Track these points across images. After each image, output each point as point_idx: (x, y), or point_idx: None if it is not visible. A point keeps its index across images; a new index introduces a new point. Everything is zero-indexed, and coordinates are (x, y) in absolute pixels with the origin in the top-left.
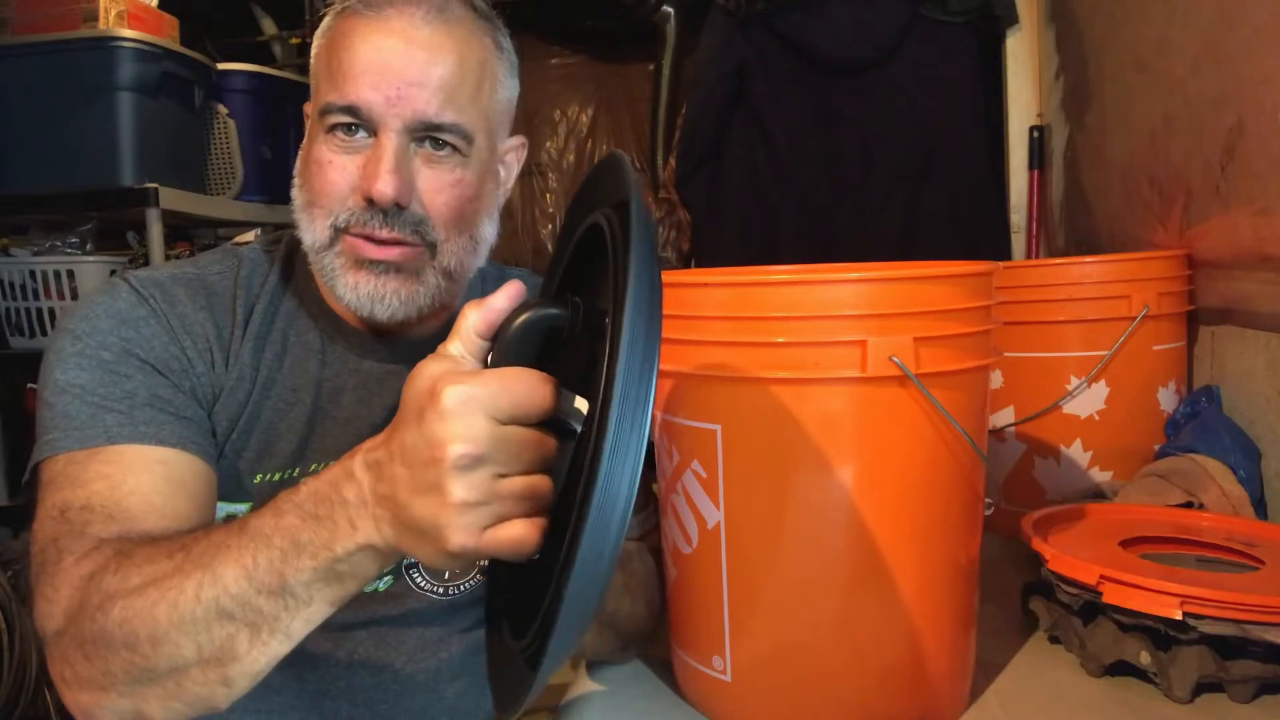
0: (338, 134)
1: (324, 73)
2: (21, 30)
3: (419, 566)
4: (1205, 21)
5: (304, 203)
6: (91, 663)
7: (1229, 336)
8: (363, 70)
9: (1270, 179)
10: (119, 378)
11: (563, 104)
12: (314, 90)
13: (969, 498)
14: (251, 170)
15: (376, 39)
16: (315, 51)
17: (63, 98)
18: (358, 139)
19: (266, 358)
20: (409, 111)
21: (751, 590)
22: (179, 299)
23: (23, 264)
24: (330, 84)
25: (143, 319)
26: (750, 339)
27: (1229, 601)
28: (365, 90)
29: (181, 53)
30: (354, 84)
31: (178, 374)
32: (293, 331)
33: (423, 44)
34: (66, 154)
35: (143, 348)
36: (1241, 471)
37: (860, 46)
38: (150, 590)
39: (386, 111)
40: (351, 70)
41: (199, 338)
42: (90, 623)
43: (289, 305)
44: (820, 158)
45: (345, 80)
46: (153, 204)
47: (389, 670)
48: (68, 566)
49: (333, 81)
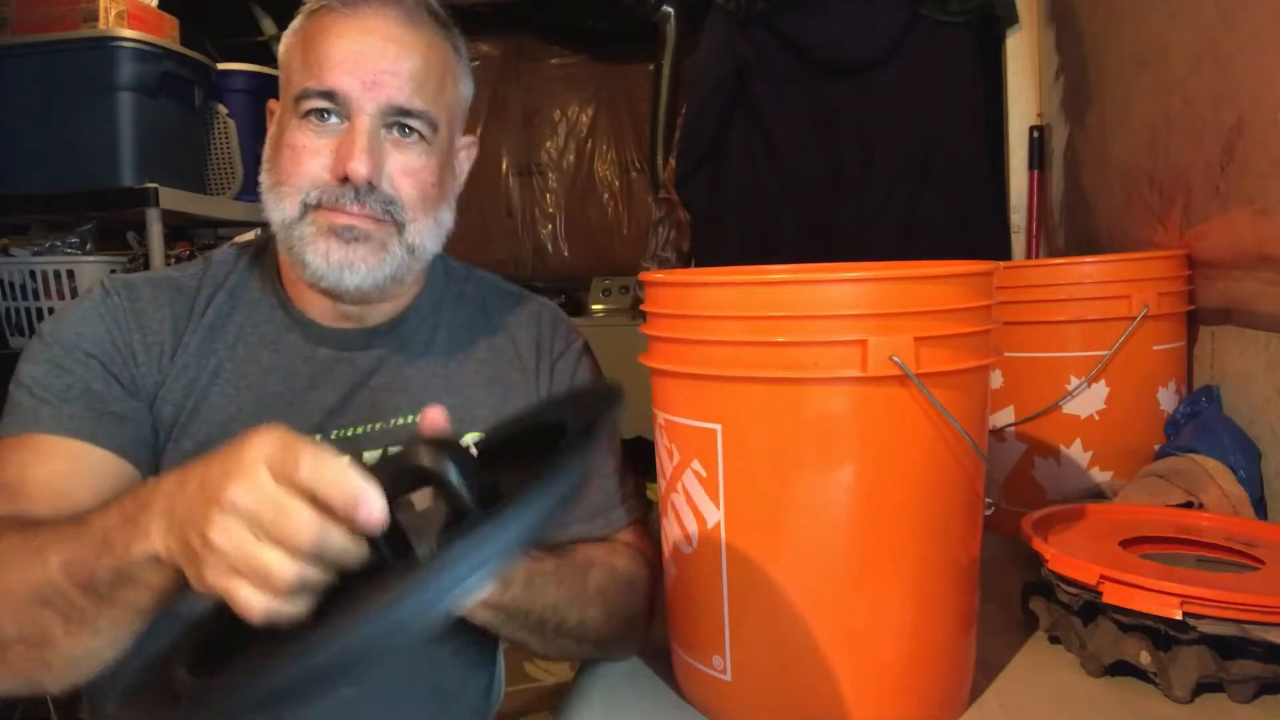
0: (311, 119)
1: (298, 64)
2: (21, 30)
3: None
4: (1205, 21)
5: (272, 184)
6: None
7: (1229, 336)
8: (340, 60)
9: (1270, 179)
10: (62, 371)
11: (563, 104)
12: (285, 82)
13: (969, 498)
14: (251, 170)
15: (354, 34)
16: (287, 46)
17: (63, 98)
18: (330, 124)
19: (218, 347)
20: (383, 97)
21: (751, 590)
22: (142, 296)
23: (23, 264)
24: (307, 72)
25: (100, 316)
26: (750, 338)
27: (1229, 601)
28: (343, 77)
29: (181, 53)
30: (332, 72)
31: (120, 365)
32: (249, 322)
33: (395, 39)
34: (66, 154)
35: (91, 341)
36: (1241, 471)
37: (860, 46)
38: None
39: (362, 95)
40: (330, 60)
41: (152, 332)
42: None
43: (251, 297)
44: (820, 158)
45: (323, 69)
46: (153, 204)
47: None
48: None
49: (309, 70)
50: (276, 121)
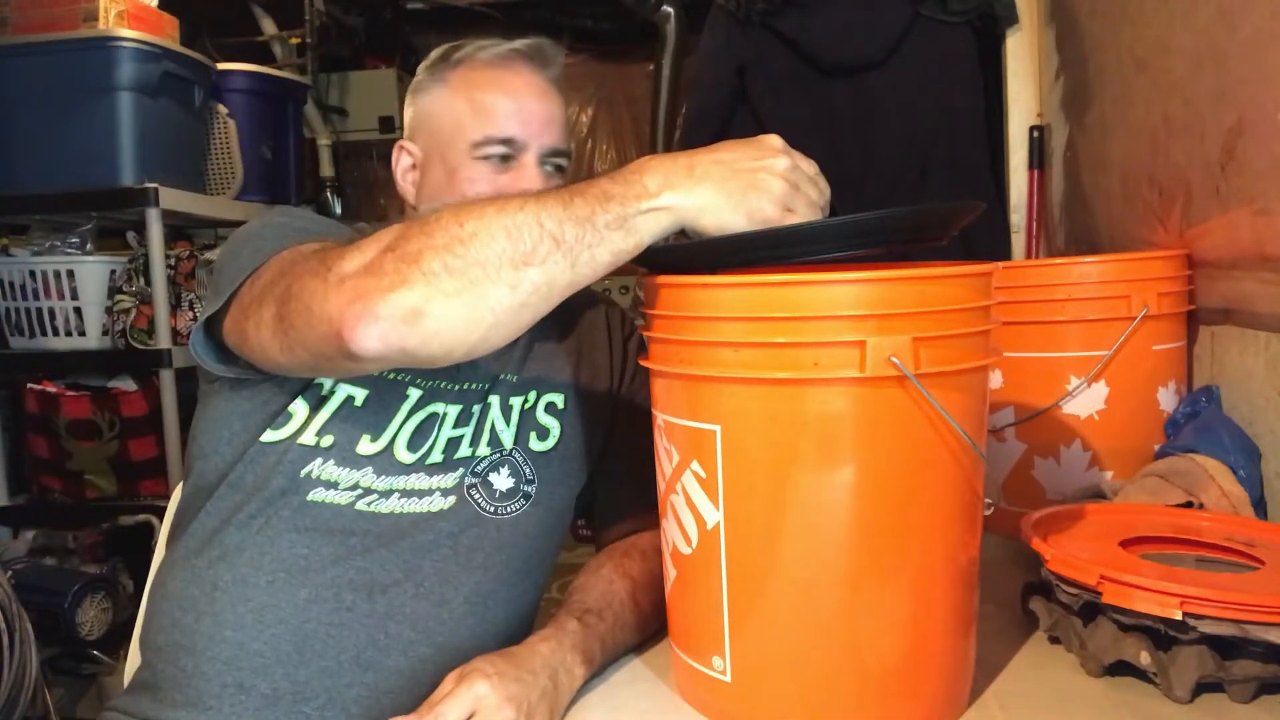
0: (491, 160)
1: (467, 112)
2: (21, 30)
3: (478, 486)
4: (1205, 21)
5: None
6: (401, 263)
7: (1229, 336)
8: (513, 112)
9: (1270, 179)
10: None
11: None
12: (453, 126)
13: (968, 497)
14: (251, 170)
15: (519, 88)
16: (438, 96)
17: (63, 98)
18: (502, 164)
19: None
20: (546, 141)
21: (751, 591)
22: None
23: (23, 264)
24: (486, 121)
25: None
26: (750, 339)
27: (1229, 601)
28: (517, 126)
29: (181, 53)
30: (508, 121)
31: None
32: None
33: (545, 92)
34: (66, 154)
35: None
36: (1241, 471)
37: (860, 46)
38: (475, 207)
39: (530, 140)
40: (504, 112)
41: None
42: (414, 238)
43: None
44: (820, 158)
45: (500, 119)
46: (153, 204)
47: (447, 606)
48: (362, 243)
49: (487, 120)
50: (439, 159)
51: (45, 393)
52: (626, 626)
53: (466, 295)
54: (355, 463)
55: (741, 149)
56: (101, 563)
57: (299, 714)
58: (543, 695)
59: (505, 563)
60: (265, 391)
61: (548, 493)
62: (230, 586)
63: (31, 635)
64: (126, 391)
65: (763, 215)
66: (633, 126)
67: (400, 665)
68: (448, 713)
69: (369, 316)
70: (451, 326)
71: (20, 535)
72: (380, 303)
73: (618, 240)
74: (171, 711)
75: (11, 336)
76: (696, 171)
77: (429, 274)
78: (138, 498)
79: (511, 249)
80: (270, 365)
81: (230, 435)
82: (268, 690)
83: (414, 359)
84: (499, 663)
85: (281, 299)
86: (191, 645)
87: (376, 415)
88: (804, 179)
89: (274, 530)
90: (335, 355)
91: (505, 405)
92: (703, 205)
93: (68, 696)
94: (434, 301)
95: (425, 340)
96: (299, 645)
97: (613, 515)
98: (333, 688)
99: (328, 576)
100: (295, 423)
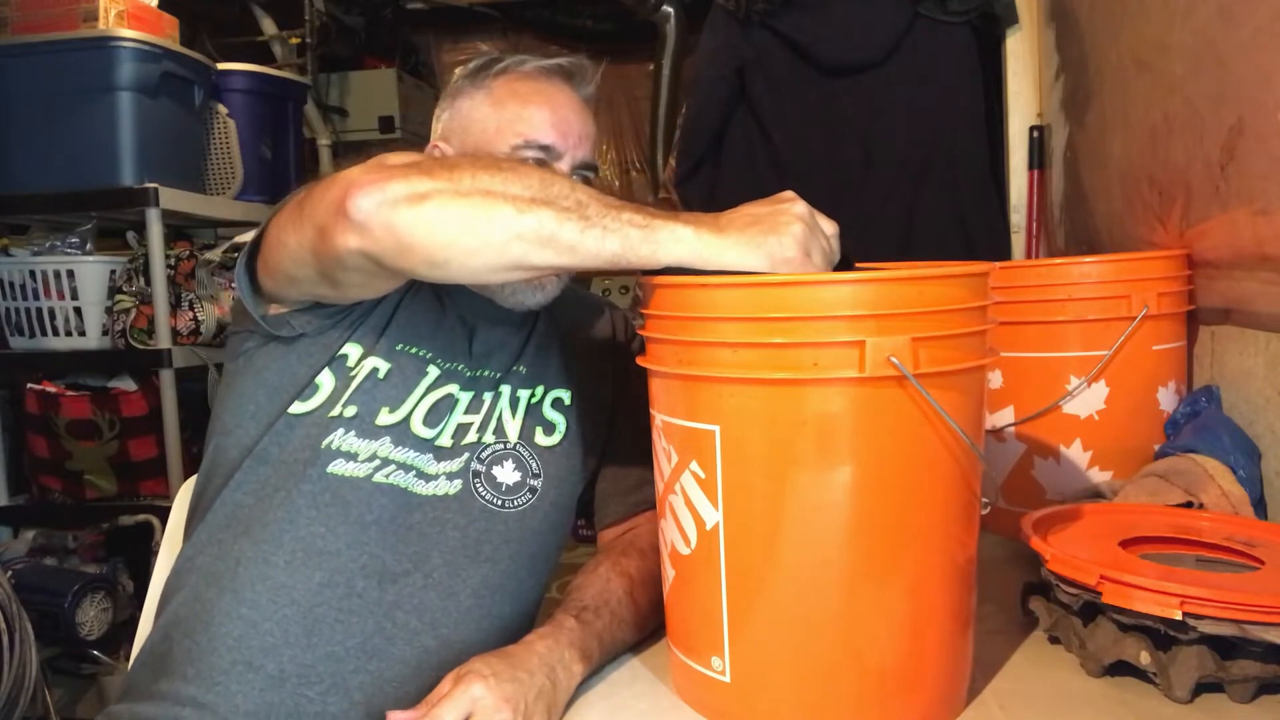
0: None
1: (509, 116)
2: (21, 30)
3: (483, 479)
4: (1205, 21)
5: None
6: (435, 165)
7: (1229, 336)
8: (555, 122)
9: (1270, 179)
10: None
11: None
12: (494, 130)
13: (966, 497)
14: (251, 170)
15: (561, 101)
16: (478, 101)
17: (63, 98)
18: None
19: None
20: (580, 153)
21: (750, 591)
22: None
23: (23, 264)
24: (526, 126)
25: None
26: (749, 339)
27: (1229, 601)
28: (557, 135)
29: (181, 53)
30: (549, 130)
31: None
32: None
33: (584, 111)
34: (66, 154)
35: None
36: (1241, 471)
37: (860, 47)
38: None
39: (567, 150)
40: (546, 121)
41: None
42: (455, 159)
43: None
44: (820, 158)
45: (541, 126)
46: (153, 204)
47: (455, 598)
48: (389, 160)
49: (528, 125)
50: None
51: (45, 393)
52: (624, 624)
53: (475, 200)
54: (374, 434)
55: (763, 204)
56: (101, 563)
57: (302, 696)
58: (540, 694)
59: (511, 557)
60: (293, 364)
61: (553, 488)
62: (252, 564)
63: (31, 635)
64: (126, 391)
65: (783, 256)
66: (633, 126)
67: (405, 655)
68: (444, 715)
69: (376, 187)
70: (445, 221)
71: (20, 535)
72: (396, 179)
73: (634, 237)
74: (182, 686)
75: (11, 336)
76: (722, 220)
77: (454, 176)
78: (138, 498)
79: (540, 190)
80: (283, 268)
81: (255, 409)
82: (274, 671)
83: (395, 247)
84: (495, 663)
85: (304, 197)
86: (209, 619)
87: (397, 389)
88: (819, 232)
89: (294, 506)
90: (332, 218)
91: (514, 397)
92: (725, 243)
93: (68, 696)
94: (443, 194)
95: (413, 223)
96: (308, 628)
97: (611, 514)
98: (337, 673)
99: (342, 561)
100: (323, 394)
